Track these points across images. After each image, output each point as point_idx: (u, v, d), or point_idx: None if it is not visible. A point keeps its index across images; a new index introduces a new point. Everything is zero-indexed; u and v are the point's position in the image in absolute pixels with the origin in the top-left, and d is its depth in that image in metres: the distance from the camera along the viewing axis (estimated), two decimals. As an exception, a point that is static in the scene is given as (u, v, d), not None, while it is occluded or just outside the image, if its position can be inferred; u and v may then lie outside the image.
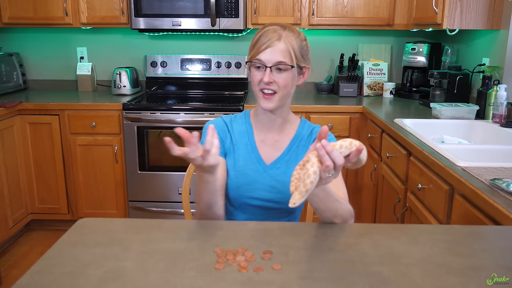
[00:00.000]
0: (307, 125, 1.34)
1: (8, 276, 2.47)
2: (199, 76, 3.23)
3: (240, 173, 1.28)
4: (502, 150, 1.72)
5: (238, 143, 1.31)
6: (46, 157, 2.84)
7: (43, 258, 0.85)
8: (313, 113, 2.72)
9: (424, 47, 2.93)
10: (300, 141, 1.31)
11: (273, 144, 1.31)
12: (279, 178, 1.27)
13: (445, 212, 1.50)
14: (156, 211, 2.85)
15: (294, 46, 1.21)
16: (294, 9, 2.90)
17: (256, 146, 1.31)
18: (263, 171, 1.28)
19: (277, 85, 1.21)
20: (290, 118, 1.33)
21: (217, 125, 1.31)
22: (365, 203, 2.68)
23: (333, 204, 1.03)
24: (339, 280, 0.77)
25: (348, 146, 0.89)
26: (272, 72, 1.20)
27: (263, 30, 1.22)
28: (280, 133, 1.32)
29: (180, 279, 0.77)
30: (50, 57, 3.35)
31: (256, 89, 1.24)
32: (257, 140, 1.32)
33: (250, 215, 1.31)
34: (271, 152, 1.30)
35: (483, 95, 2.25)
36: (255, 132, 1.32)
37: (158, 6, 2.84)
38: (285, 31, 1.21)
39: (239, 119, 1.35)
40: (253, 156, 1.30)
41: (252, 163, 1.29)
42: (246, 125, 1.33)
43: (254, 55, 1.21)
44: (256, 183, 1.28)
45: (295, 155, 1.30)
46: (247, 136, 1.32)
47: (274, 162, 1.29)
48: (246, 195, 1.28)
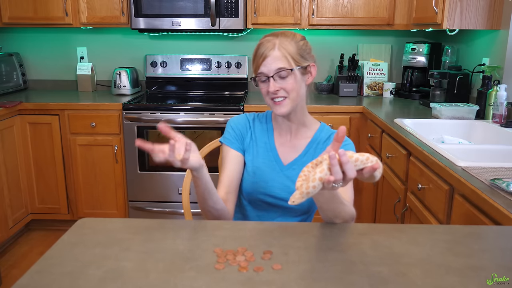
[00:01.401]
0: (325, 129, 1.36)
1: (8, 276, 2.47)
2: (199, 76, 3.23)
3: (258, 169, 1.32)
4: (502, 150, 1.72)
5: (258, 141, 1.35)
6: (46, 157, 2.84)
7: (43, 258, 0.85)
8: (313, 113, 2.69)
9: (424, 47, 2.93)
10: (318, 144, 1.33)
11: (291, 146, 1.34)
12: (295, 179, 1.29)
13: (445, 212, 1.50)
14: (156, 211, 2.85)
15: (289, 50, 1.22)
16: (294, 9, 2.90)
17: (275, 146, 1.34)
18: (280, 170, 1.32)
19: (285, 90, 1.23)
20: (308, 123, 1.35)
21: (239, 122, 1.37)
22: (365, 203, 2.68)
23: (337, 206, 1.03)
24: (339, 280, 0.77)
25: (364, 161, 0.87)
26: (276, 80, 1.22)
27: (260, 42, 1.26)
28: (296, 136, 1.35)
29: (180, 279, 0.77)
30: (50, 57, 3.35)
31: (267, 99, 1.27)
32: (276, 140, 1.35)
33: (262, 211, 1.34)
34: (289, 153, 1.33)
35: (483, 95, 2.25)
36: (275, 133, 1.36)
37: (158, 6, 2.84)
38: (278, 38, 1.24)
39: (261, 118, 1.39)
40: (271, 155, 1.33)
41: (270, 161, 1.33)
42: (267, 125, 1.37)
43: (256, 69, 1.25)
44: (272, 181, 1.31)
45: (311, 157, 1.31)
46: (267, 136, 1.36)
47: (291, 163, 1.32)
48: (260, 191, 1.32)
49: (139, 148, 0.93)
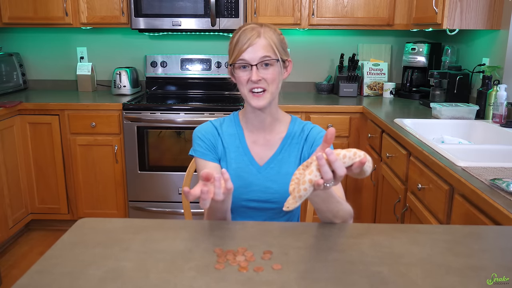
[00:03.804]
0: (298, 122, 1.33)
1: (8, 276, 2.47)
2: (199, 76, 3.23)
3: (234, 176, 1.27)
4: (502, 150, 1.72)
5: (230, 146, 1.30)
6: (46, 157, 2.84)
7: (43, 258, 0.85)
8: (313, 113, 2.72)
9: (424, 47, 2.93)
10: (292, 139, 1.30)
11: (265, 143, 1.30)
12: (274, 178, 1.27)
13: (445, 212, 1.50)
14: (156, 211, 2.85)
15: (274, 40, 1.21)
16: (294, 9, 2.90)
17: (248, 148, 1.30)
18: (257, 172, 1.28)
19: (266, 81, 1.20)
20: (280, 117, 1.32)
21: (207, 130, 1.31)
22: (365, 203, 2.68)
23: (335, 205, 1.02)
24: (339, 280, 0.77)
25: (352, 156, 0.87)
26: (258, 69, 1.19)
27: (241, 31, 1.22)
28: (271, 132, 1.31)
29: (180, 279, 0.77)
30: (50, 57, 3.35)
31: (245, 90, 1.22)
32: (248, 141, 1.31)
33: (248, 218, 1.30)
34: (264, 152, 1.30)
35: (483, 95, 2.25)
36: (246, 133, 1.32)
37: (158, 6, 2.84)
38: (263, 27, 1.21)
39: (228, 122, 1.34)
40: (245, 158, 1.29)
41: (246, 165, 1.28)
42: (236, 127, 1.32)
43: (237, 56, 1.19)
44: (251, 185, 1.27)
45: (287, 153, 1.29)
46: (238, 138, 1.31)
47: (268, 162, 1.29)
48: (242, 198, 1.28)
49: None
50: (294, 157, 1.29)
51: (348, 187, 2.81)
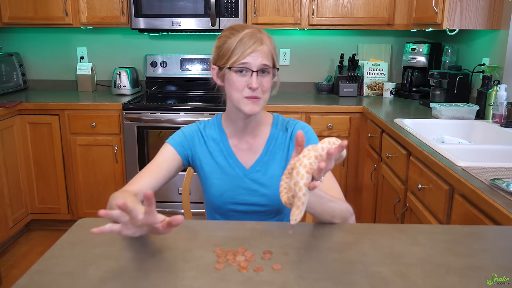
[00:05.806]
0: (280, 121, 1.33)
1: (8, 276, 2.47)
2: (199, 76, 3.23)
3: (221, 181, 1.27)
4: (502, 150, 1.72)
5: (214, 151, 1.29)
6: (46, 157, 2.84)
7: (43, 258, 0.85)
8: (313, 113, 2.72)
9: (424, 47, 2.93)
10: (276, 140, 1.30)
11: (249, 148, 1.30)
12: (260, 181, 1.27)
13: (445, 212, 1.50)
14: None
15: (272, 48, 1.21)
16: (294, 9, 2.90)
17: (232, 151, 1.29)
18: (244, 175, 1.27)
19: (261, 89, 1.19)
20: (262, 120, 1.31)
21: (192, 130, 1.30)
22: (365, 203, 2.68)
23: (329, 205, 1.01)
24: (339, 280, 0.77)
25: (328, 146, 0.86)
26: (258, 76, 1.18)
27: (241, 34, 1.17)
28: (254, 136, 1.30)
29: (180, 279, 0.77)
30: (50, 57, 3.35)
31: (238, 95, 1.18)
32: (232, 145, 1.30)
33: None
34: (248, 155, 1.29)
35: (483, 95, 2.25)
36: (229, 138, 1.30)
37: (158, 6, 2.84)
38: (262, 34, 1.20)
39: (211, 125, 1.32)
40: (231, 162, 1.28)
41: (231, 168, 1.28)
42: (219, 131, 1.31)
43: (238, 60, 1.15)
44: (238, 189, 1.27)
45: (273, 155, 1.29)
46: (221, 142, 1.30)
47: (254, 165, 1.28)
48: (230, 202, 1.28)
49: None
50: (280, 158, 1.29)
51: (348, 187, 2.81)
